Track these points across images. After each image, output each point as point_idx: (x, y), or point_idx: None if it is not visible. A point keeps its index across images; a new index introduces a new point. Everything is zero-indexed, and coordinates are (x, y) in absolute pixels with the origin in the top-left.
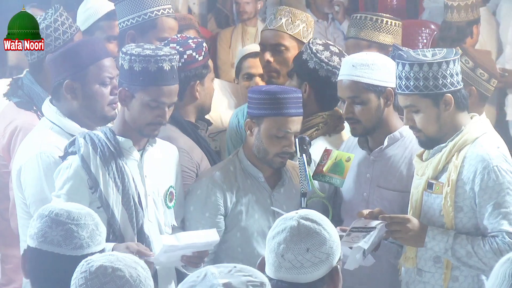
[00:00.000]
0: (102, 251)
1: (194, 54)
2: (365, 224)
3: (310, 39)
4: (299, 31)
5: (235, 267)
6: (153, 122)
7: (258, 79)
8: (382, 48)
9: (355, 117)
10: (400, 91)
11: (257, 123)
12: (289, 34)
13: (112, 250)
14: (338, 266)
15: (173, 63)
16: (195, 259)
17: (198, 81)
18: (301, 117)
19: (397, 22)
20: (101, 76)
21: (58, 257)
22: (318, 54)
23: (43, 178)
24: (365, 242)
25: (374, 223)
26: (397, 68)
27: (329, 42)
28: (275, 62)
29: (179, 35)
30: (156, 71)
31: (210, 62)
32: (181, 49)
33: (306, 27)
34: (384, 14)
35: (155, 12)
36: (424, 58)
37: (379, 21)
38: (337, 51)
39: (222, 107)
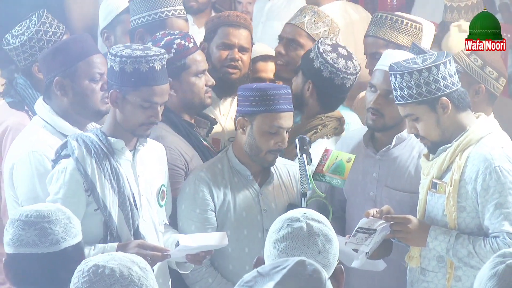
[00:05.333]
0: (79, 243)
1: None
2: (370, 224)
3: (319, 39)
4: (319, 33)
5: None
6: (146, 122)
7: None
8: (399, 48)
9: (380, 111)
10: (397, 102)
11: (249, 120)
12: (307, 33)
13: (117, 250)
14: (342, 266)
15: (163, 63)
16: (199, 257)
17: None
18: (292, 113)
19: (417, 24)
20: (91, 72)
21: (37, 257)
22: (324, 55)
23: (35, 177)
24: (366, 246)
25: (377, 223)
26: (391, 79)
27: (339, 43)
28: (286, 56)
29: (161, 32)
30: (147, 71)
31: (192, 58)
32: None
33: (327, 31)
34: (406, 15)
35: (165, 12)
36: (414, 66)
37: (399, 22)
38: (345, 53)
39: None
